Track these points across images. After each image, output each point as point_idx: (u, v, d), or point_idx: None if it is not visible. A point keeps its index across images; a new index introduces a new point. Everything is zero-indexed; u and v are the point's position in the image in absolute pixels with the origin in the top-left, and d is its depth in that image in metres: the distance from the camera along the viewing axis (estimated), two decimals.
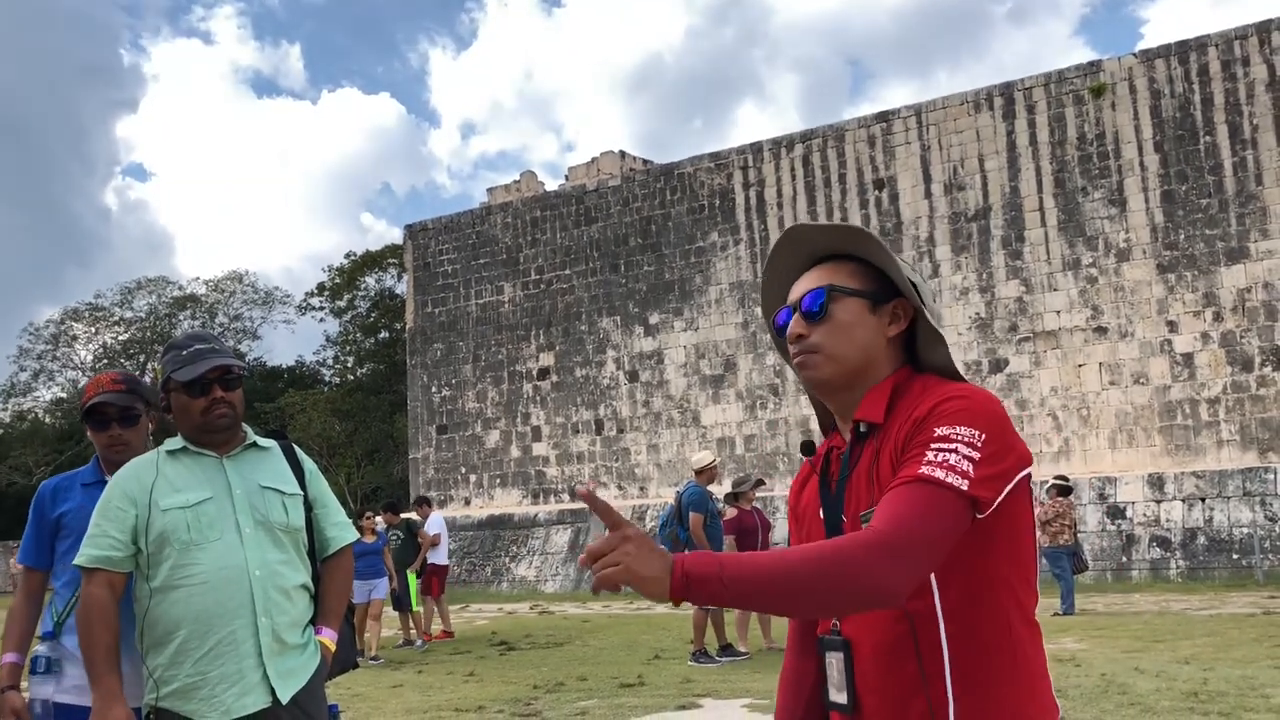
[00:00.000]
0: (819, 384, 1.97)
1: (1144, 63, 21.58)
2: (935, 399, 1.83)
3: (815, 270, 2.01)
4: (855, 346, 1.94)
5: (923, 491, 1.70)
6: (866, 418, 1.91)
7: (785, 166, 25.19)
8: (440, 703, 9.64)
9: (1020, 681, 1.81)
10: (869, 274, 1.98)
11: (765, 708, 8.57)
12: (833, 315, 1.95)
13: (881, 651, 1.83)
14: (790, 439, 24.48)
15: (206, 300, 49.24)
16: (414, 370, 30.49)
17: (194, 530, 3.07)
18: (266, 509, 3.17)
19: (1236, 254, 20.41)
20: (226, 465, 3.20)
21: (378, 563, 13.80)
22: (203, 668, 3.02)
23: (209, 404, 3.16)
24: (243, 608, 3.05)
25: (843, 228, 2.00)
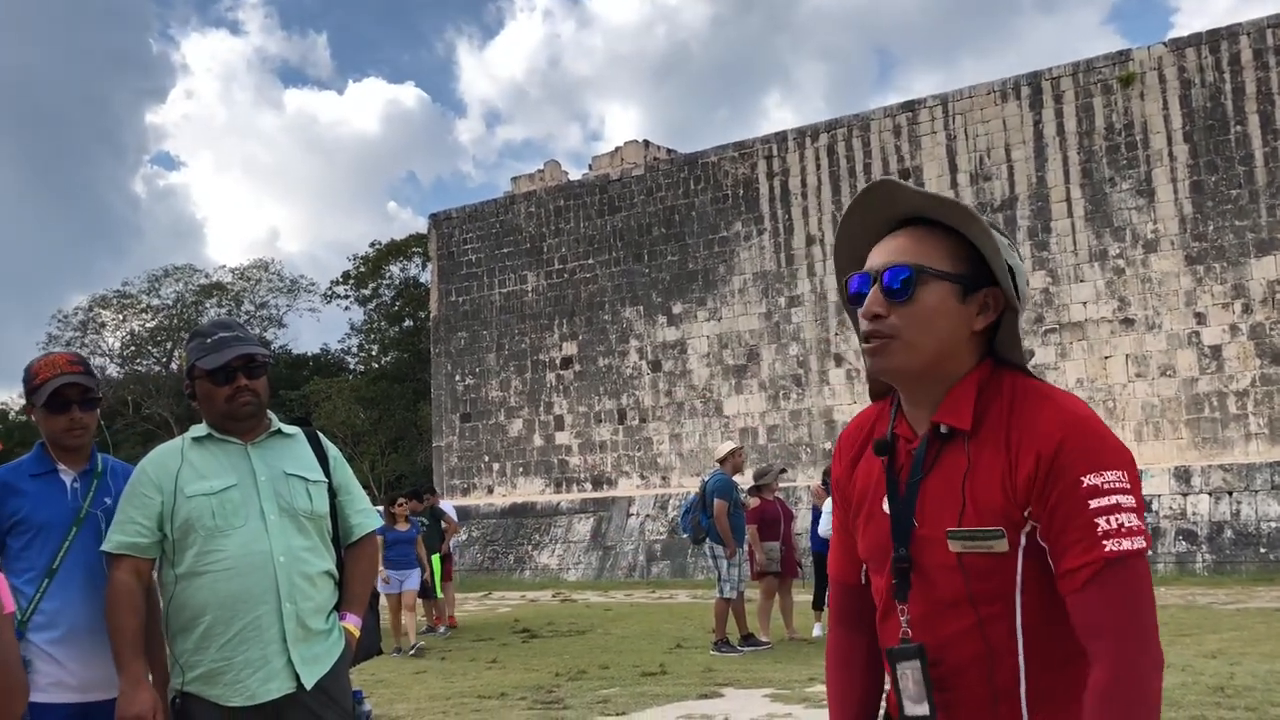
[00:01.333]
0: (887, 371, 1.79)
1: (1174, 52, 21.34)
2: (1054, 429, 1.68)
3: (902, 237, 1.80)
4: (936, 337, 1.75)
5: (1124, 576, 1.62)
6: (950, 423, 1.76)
7: (810, 156, 25.07)
8: (463, 689, 9.69)
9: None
10: (962, 254, 1.78)
11: (787, 698, 8.57)
12: (918, 299, 1.74)
13: (962, 667, 1.74)
14: (813, 429, 24.43)
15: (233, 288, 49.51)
16: (438, 359, 30.59)
17: (219, 517, 3.09)
18: (291, 496, 3.19)
19: (1267, 245, 20.18)
20: (251, 452, 3.22)
21: (410, 552, 13.10)
22: (228, 653, 3.04)
23: (233, 391, 3.17)
24: (267, 593, 3.07)
25: (948, 201, 1.78)
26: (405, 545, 13.03)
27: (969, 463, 1.73)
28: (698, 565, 22.42)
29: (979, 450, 1.72)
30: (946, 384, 1.78)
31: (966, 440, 1.74)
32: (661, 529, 24.45)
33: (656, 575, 23.70)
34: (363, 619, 3.40)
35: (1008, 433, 1.71)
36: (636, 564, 24.30)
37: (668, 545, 24.04)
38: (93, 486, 3.32)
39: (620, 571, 24.33)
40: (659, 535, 24.46)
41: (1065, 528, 1.65)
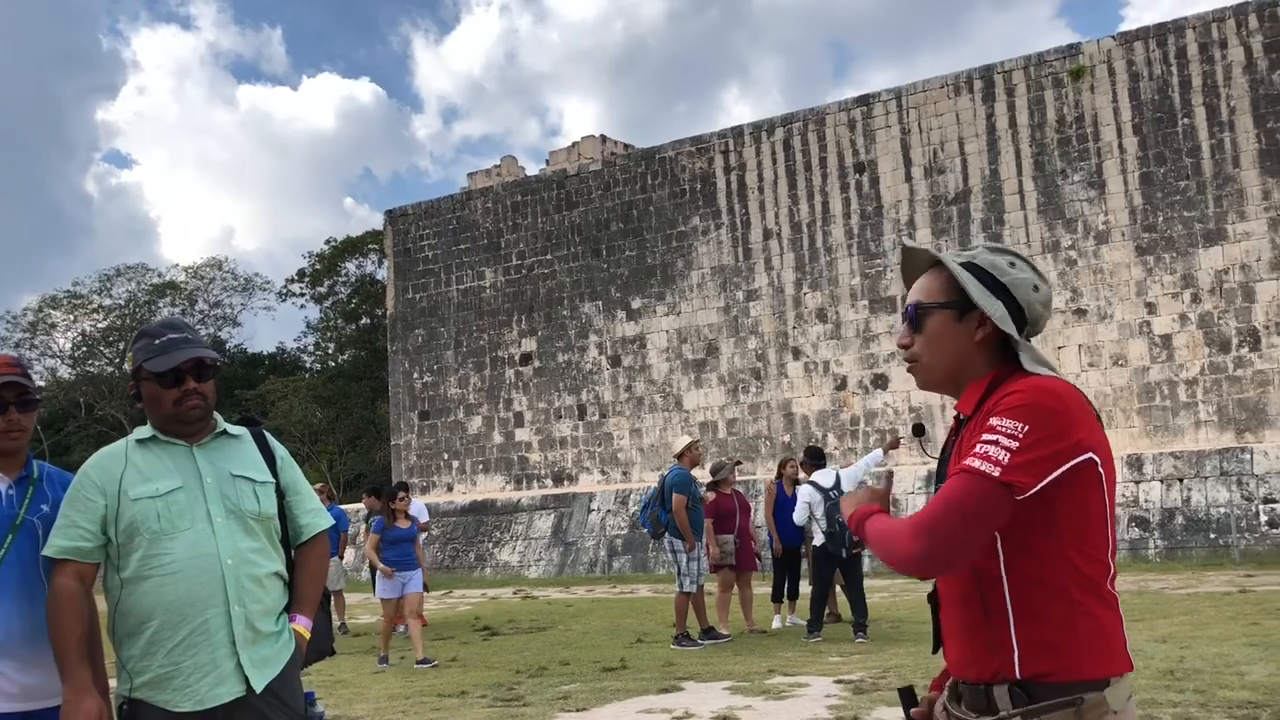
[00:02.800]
0: (922, 385, 2.34)
1: (1123, 45, 21.63)
2: (1004, 393, 2.13)
3: (921, 280, 2.33)
4: (946, 353, 2.25)
5: (960, 480, 2.04)
6: (961, 410, 2.25)
7: (766, 150, 25.16)
8: (423, 688, 9.64)
9: (1079, 630, 2.07)
10: (957, 285, 2.25)
11: (747, 690, 8.61)
12: (925, 328, 2.27)
13: (956, 600, 2.19)
14: (772, 422, 24.54)
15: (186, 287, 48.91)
16: (395, 356, 30.40)
17: (164, 520, 3.04)
18: (238, 497, 3.15)
19: (1214, 236, 20.52)
20: (197, 454, 3.18)
21: (412, 551, 12.14)
22: (176, 658, 3.00)
23: (182, 394, 3.13)
24: (215, 597, 3.03)
25: (925, 252, 2.31)
26: (407, 544, 12.12)
27: (964, 439, 2.19)
28: (658, 560, 22.46)
29: (972, 426, 2.18)
30: (966, 384, 2.26)
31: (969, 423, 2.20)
32: (622, 524, 24.46)
33: (618, 570, 23.71)
34: (314, 620, 3.36)
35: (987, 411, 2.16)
36: (598, 559, 24.30)
37: (629, 540, 24.06)
38: (29, 493, 3.25)
39: (581, 567, 24.32)
40: (620, 530, 24.47)
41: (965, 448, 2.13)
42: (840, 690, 8.35)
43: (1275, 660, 8.35)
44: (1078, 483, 2.06)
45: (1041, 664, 2.06)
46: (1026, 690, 2.06)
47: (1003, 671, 2.09)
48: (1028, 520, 2.05)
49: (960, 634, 2.17)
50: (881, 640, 11.02)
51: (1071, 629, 2.06)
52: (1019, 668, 2.07)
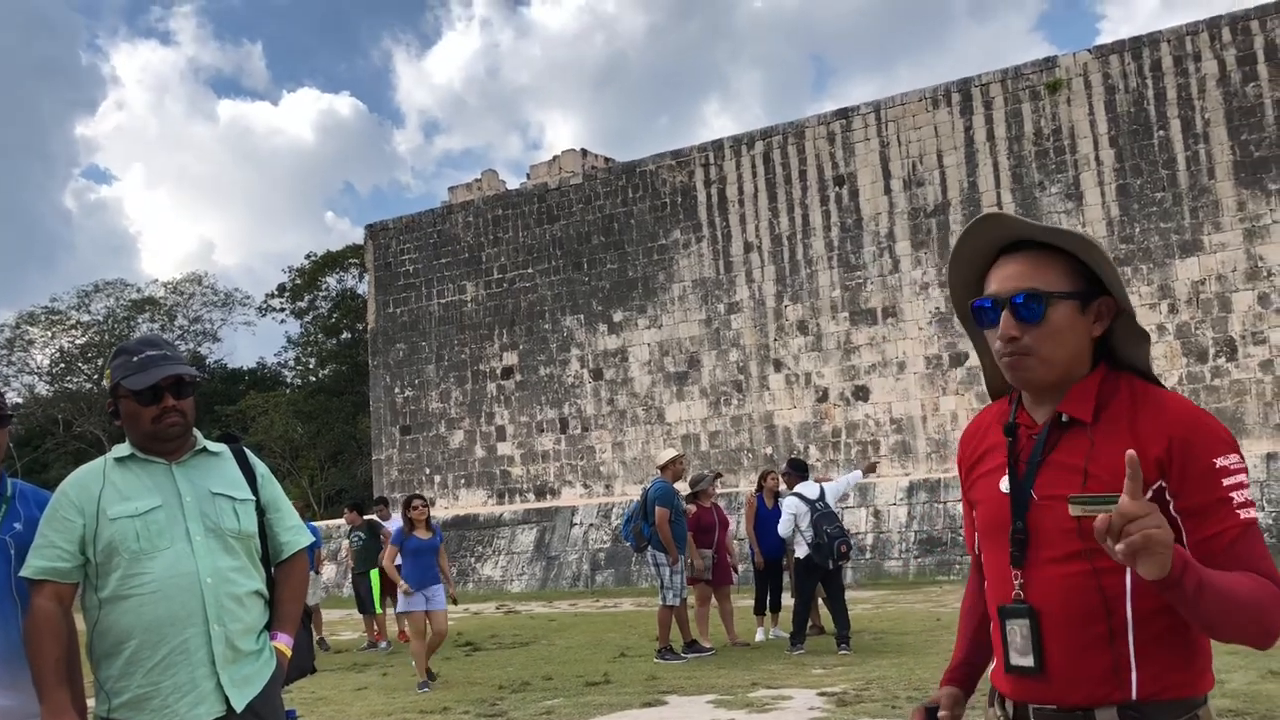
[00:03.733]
0: (1027, 384, 2.07)
1: (1099, 59, 21.83)
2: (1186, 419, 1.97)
3: (1019, 263, 2.06)
4: (1067, 350, 2.03)
5: (1256, 536, 1.94)
6: (1073, 413, 2.03)
7: (746, 164, 25.26)
8: (405, 705, 9.60)
9: (1194, 650, 1.99)
10: (1075, 271, 2.05)
11: (730, 703, 8.61)
12: (1049, 320, 2.02)
13: (1074, 618, 1.98)
14: (754, 435, 24.57)
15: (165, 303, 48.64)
16: (376, 371, 30.31)
17: (143, 539, 3.02)
18: (217, 516, 3.14)
19: (1190, 247, 20.70)
20: (176, 472, 3.16)
21: (434, 564, 11.16)
22: (154, 678, 2.98)
23: (160, 412, 3.11)
24: (194, 616, 3.01)
25: (1066, 232, 2.05)
26: (429, 555, 11.12)
27: (1091, 445, 2.00)
28: (641, 573, 22.42)
29: (1101, 436, 2.00)
30: (1070, 383, 2.06)
31: (1089, 429, 2.02)
32: (605, 538, 24.42)
33: (601, 584, 23.66)
34: (294, 638, 3.35)
35: (1132, 422, 1.99)
36: (581, 573, 24.24)
37: (612, 554, 24.02)
38: (1, 511, 3.23)
39: (564, 581, 24.26)
40: (603, 544, 24.43)
41: (1206, 502, 1.94)
42: (823, 702, 8.35)
43: (1255, 668, 8.40)
44: None
45: (1158, 682, 1.96)
46: (1139, 711, 1.95)
47: (1115, 694, 1.97)
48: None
49: (1073, 655, 1.99)
50: (864, 652, 11.03)
51: (1186, 644, 1.98)
52: (1136, 689, 1.95)
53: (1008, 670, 2.07)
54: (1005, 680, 2.10)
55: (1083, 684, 1.98)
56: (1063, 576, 1.99)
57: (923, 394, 22.73)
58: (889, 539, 21.26)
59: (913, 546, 20.87)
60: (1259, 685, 7.77)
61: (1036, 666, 2.01)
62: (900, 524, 21.29)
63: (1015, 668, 2.05)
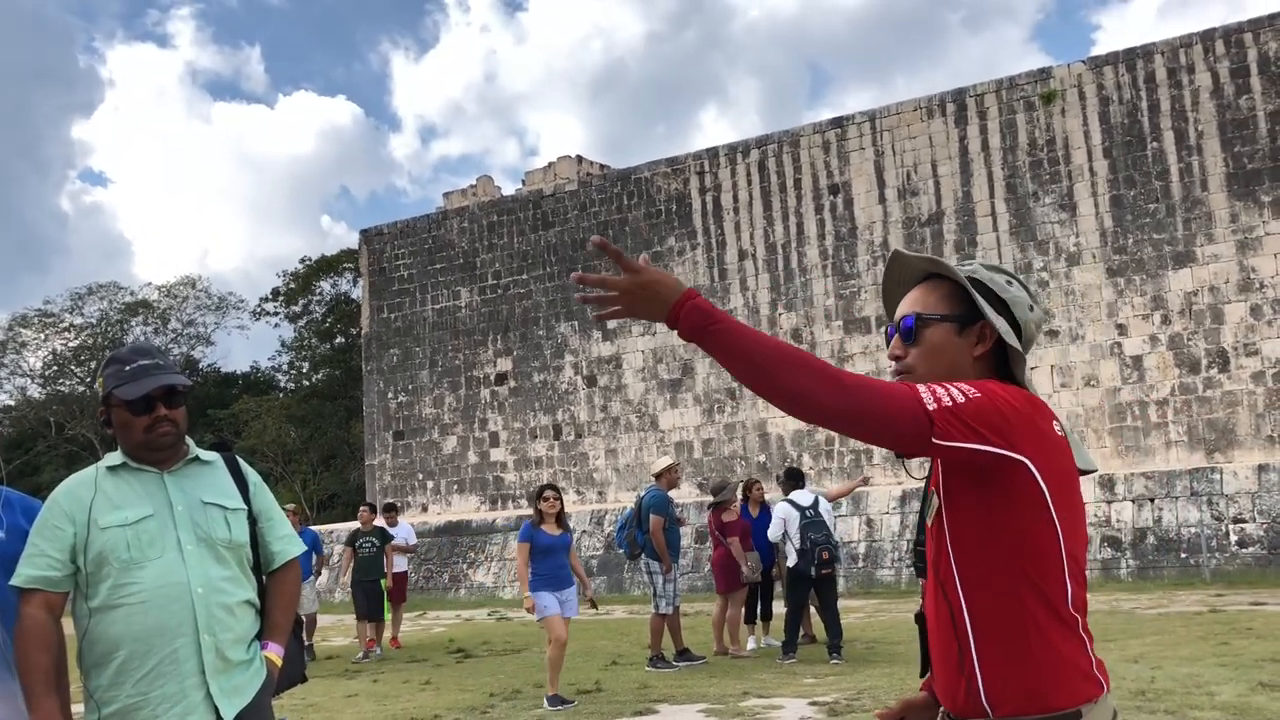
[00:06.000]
0: None
1: (1093, 70, 21.90)
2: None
3: (915, 292, 2.27)
4: (944, 366, 2.18)
5: (903, 383, 2.02)
6: None
7: (741, 172, 25.30)
8: (395, 711, 9.58)
9: (1041, 664, 2.01)
10: (961, 297, 2.21)
11: (721, 713, 8.60)
12: (924, 339, 2.20)
13: (936, 628, 2.16)
14: (748, 442, 24.57)
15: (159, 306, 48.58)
16: (370, 376, 30.28)
17: (134, 549, 3.02)
18: (209, 525, 3.14)
19: (1183, 258, 20.76)
20: (168, 481, 3.16)
21: (567, 565, 9.87)
22: (144, 688, 2.98)
23: (152, 421, 3.12)
24: (185, 626, 3.01)
25: (928, 260, 2.26)
26: (561, 553, 9.82)
27: None
28: (634, 581, 22.41)
29: None
30: None
31: None
32: (598, 545, 24.40)
33: (593, 591, 23.61)
34: (285, 647, 3.35)
35: None
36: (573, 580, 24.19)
37: (604, 561, 24.00)
38: None
39: None
40: (595, 551, 24.41)
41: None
42: (815, 712, 8.35)
43: (1245, 680, 8.42)
44: (1016, 496, 2.01)
45: (1010, 701, 2.01)
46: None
47: (972, 709, 2.05)
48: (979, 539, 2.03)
49: (939, 661, 2.15)
50: (856, 661, 11.03)
51: (1033, 660, 2.01)
52: (990, 707, 2.02)
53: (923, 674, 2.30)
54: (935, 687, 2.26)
55: (955, 693, 2.10)
56: (932, 589, 2.17)
57: None
58: (881, 548, 21.26)
59: (905, 555, 20.86)
60: (1249, 697, 7.78)
61: (923, 670, 2.25)
62: (893, 533, 21.30)
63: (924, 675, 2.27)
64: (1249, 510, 18.85)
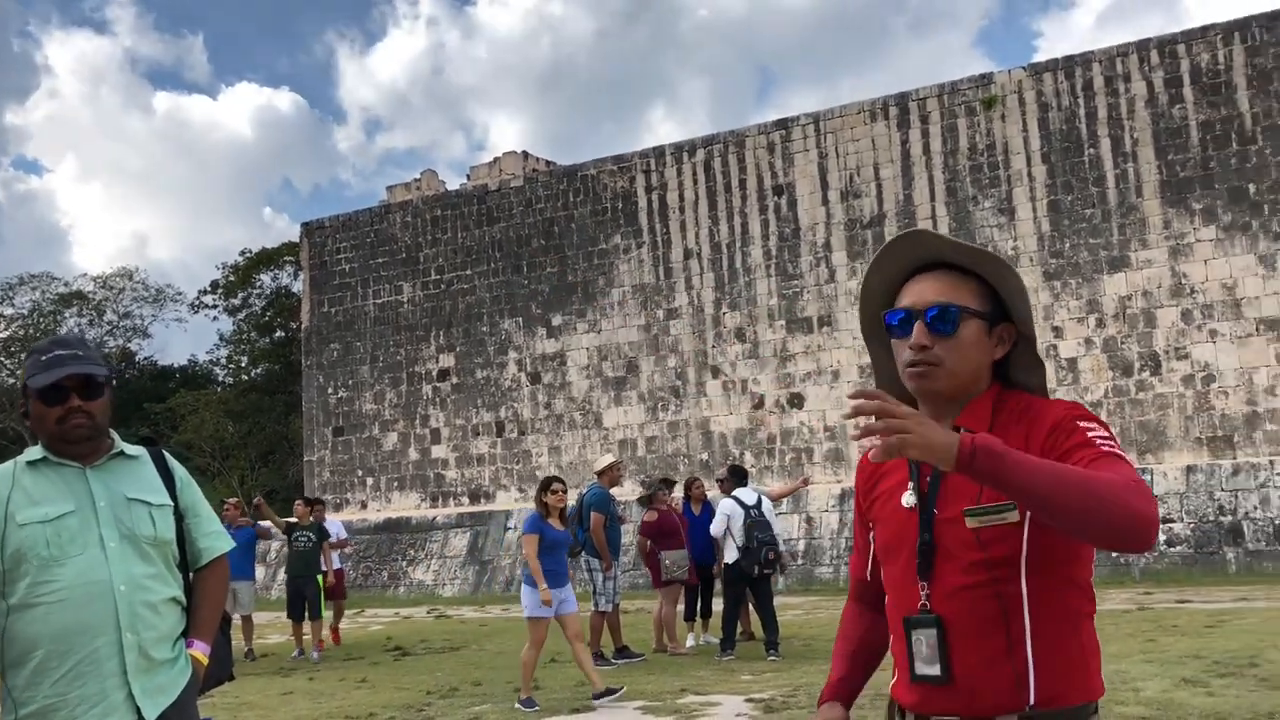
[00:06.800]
0: (930, 393, 2.13)
1: (1032, 76, 22.26)
2: (1065, 409, 2.07)
3: (937, 280, 2.14)
4: (972, 365, 2.11)
5: (1120, 462, 1.95)
6: (970, 426, 2.09)
7: (687, 171, 25.37)
8: (331, 710, 9.49)
9: (1086, 658, 2.06)
10: (985, 294, 2.14)
11: (659, 710, 8.63)
12: (960, 334, 2.10)
13: (976, 627, 2.03)
14: (691, 440, 24.65)
15: (94, 297, 47.60)
16: (309, 371, 29.93)
17: (54, 546, 2.96)
18: (133, 522, 3.08)
19: (1118, 263, 21.18)
20: (90, 476, 3.09)
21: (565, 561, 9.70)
22: (61, 689, 2.92)
23: (65, 413, 3.04)
24: (106, 624, 2.96)
25: (987, 254, 2.14)
26: (563, 549, 9.78)
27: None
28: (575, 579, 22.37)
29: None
30: (967, 399, 2.14)
31: None
32: None
33: None
34: (212, 645, 3.30)
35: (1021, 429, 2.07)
36: (514, 578, 24.12)
37: None
38: None
39: (498, 586, 24.15)
40: None
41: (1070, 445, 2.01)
42: (751, 709, 8.41)
43: (1169, 676, 8.62)
44: None
45: (1054, 689, 2.02)
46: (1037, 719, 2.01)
47: (1015, 702, 2.01)
48: (1052, 541, 2.02)
49: (977, 664, 2.03)
50: (793, 658, 11.13)
51: (1081, 650, 2.06)
52: (1034, 696, 2.00)
53: (913, 680, 2.10)
54: (908, 691, 2.13)
55: (988, 694, 2.02)
56: (965, 587, 2.04)
57: None
58: (821, 545, 21.46)
59: (844, 553, 21.08)
60: (1172, 693, 7.97)
61: (943, 675, 2.05)
62: (832, 531, 21.50)
63: (921, 677, 2.08)
64: (1177, 510, 19.29)
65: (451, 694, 9.98)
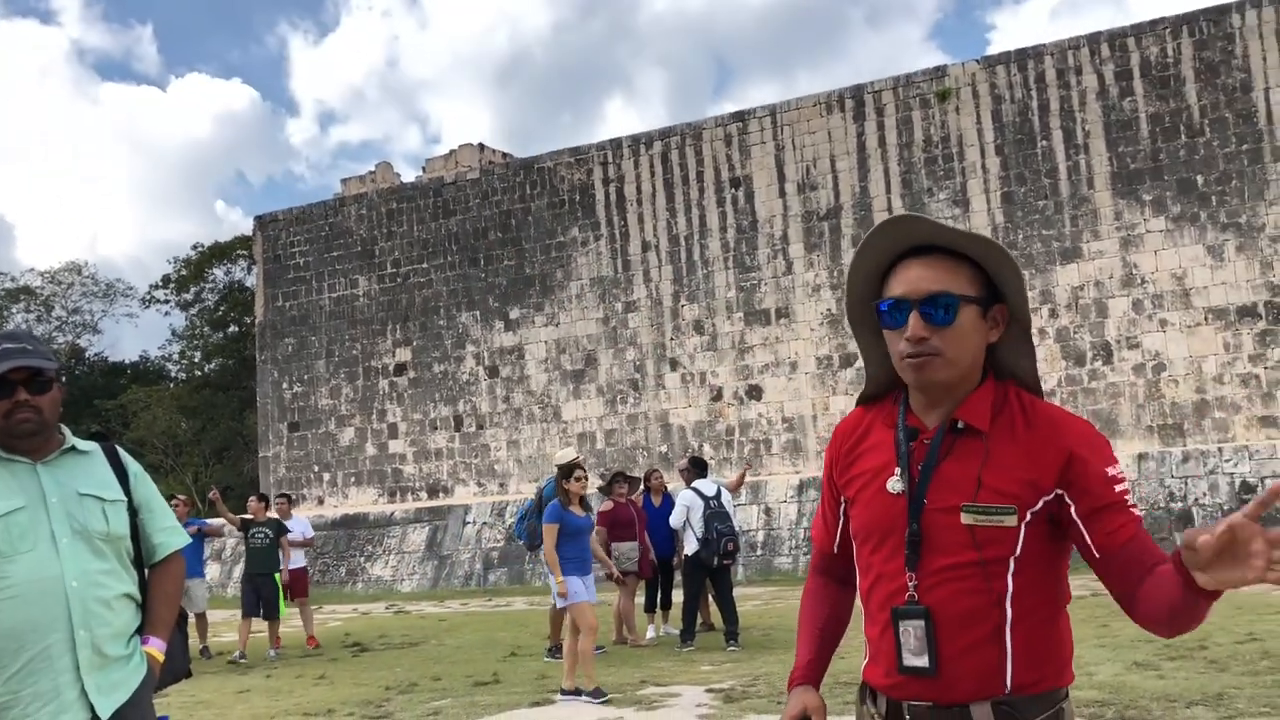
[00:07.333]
0: (930, 384, 2.08)
1: (986, 69, 22.47)
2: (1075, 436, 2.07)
3: (929, 266, 2.07)
4: (970, 352, 2.07)
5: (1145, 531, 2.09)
6: (970, 421, 2.08)
7: (645, 163, 25.36)
8: (288, 707, 9.41)
9: (1061, 646, 2.10)
10: (977, 277, 2.09)
11: (619, 701, 8.64)
12: (959, 323, 2.05)
13: (965, 618, 2.03)
14: (650, 433, 24.68)
15: (42, 293, 46.81)
16: (264, 366, 29.61)
17: (3, 542, 2.91)
18: (85, 517, 3.03)
19: (1070, 254, 21.46)
20: (41, 472, 3.04)
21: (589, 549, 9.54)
22: (14, 686, 2.87)
23: (11, 407, 2.99)
24: (58, 621, 2.91)
25: (980, 239, 2.08)
26: (586, 537, 9.46)
27: (985, 453, 2.05)
28: (535, 572, 22.36)
29: (995, 445, 2.06)
30: (964, 390, 2.10)
31: (984, 437, 2.07)
32: (499, 536, 24.28)
33: (494, 583, 23.52)
34: (168, 642, 3.26)
35: (1025, 434, 2.06)
36: (473, 572, 24.06)
37: (505, 552, 23.89)
38: None
39: (457, 580, 24.05)
40: (496, 543, 24.28)
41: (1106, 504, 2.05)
42: (711, 699, 8.44)
43: (1121, 660, 8.76)
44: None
45: (1029, 676, 2.04)
46: (1011, 705, 2.02)
47: (991, 689, 2.03)
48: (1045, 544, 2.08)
49: (962, 653, 2.04)
50: (753, 648, 11.18)
51: (1057, 639, 2.10)
52: (1010, 683, 2.03)
53: (901, 671, 2.08)
54: (889, 679, 2.12)
55: (966, 681, 2.03)
56: (953, 580, 2.04)
57: (814, 394, 23.12)
58: (779, 536, 21.57)
59: (803, 543, 21.21)
60: (1124, 677, 8.10)
61: (931, 667, 2.04)
62: (790, 521, 21.62)
63: (910, 669, 2.07)
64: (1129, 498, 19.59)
65: (411, 689, 9.93)
